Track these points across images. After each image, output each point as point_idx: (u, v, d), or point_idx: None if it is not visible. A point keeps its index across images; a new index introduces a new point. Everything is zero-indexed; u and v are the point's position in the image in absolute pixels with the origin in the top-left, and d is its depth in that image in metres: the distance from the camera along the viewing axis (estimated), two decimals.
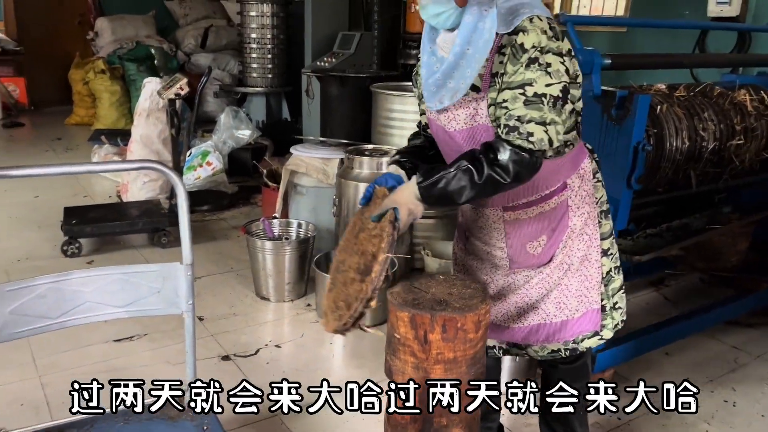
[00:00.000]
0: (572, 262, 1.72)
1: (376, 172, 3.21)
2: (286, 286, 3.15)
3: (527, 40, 1.47)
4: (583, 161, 1.72)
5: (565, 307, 1.74)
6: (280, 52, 6.16)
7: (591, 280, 1.75)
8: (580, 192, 1.71)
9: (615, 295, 1.81)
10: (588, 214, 1.72)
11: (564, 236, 1.71)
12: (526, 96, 1.46)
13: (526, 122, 1.46)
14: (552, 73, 1.47)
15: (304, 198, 3.54)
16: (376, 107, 3.62)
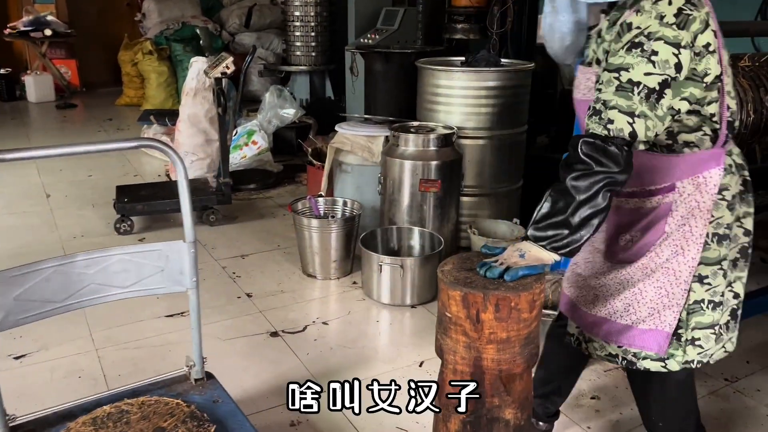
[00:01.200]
0: (656, 269, 1.58)
1: (422, 149, 3.18)
2: (332, 264, 3.16)
3: (636, 21, 1.42)
4: (708, 170, 1.52)
5: (632, 312, 1.62)
6: (323, 30, 6.13)
7: (671, 298, 1.58)
8: (691, 201, 1.54)
9: (698, 330, 1.61)
10: (693, 229, 1.54)
11: (657, 240, 1.57)
12: (620, 81, 1.40)
13: (610, 108, 1.40)
14: (657, 63, 1.38)
15: (349, 176, 3.53)
16: (421, 83, 3.56)
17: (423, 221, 3.24)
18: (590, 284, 1.71)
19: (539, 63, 4.34)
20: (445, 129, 3.32)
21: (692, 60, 1.41)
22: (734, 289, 1.64)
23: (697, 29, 1.40)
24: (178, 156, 1.58)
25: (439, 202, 3.23)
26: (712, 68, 1.45)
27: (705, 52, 1.42)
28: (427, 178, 3.17)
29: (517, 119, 3.56)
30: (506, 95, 3.43)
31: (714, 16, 1.45)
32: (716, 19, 1.45)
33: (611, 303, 1.66)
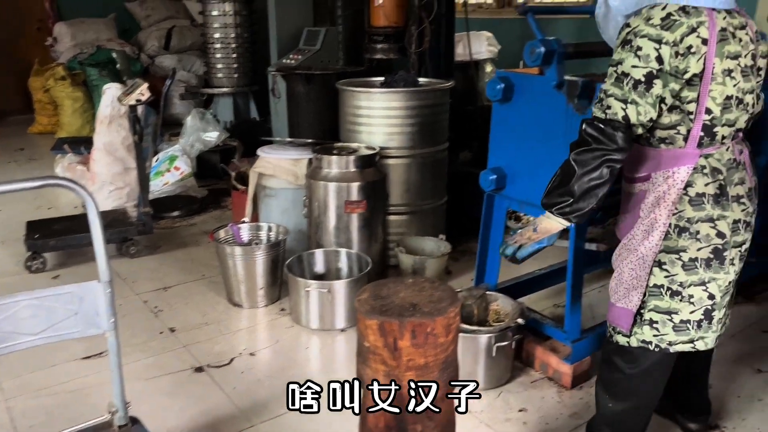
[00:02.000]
0: (630, 251, 1.81)
1: (346, 170, 3.18)
2: (258, 292, 3.10)
3: (632, 21, 1.67)
4: (680, 167, 1.71)
5: (617, 291, 1.87)
6: (244, 51, 6.06)
7: (639, 280, 1.80)
8: (659, 191, 1.74)
9: (654, 313, 1.80)
10: (658, 217, 1.75)
11: (635, 223, 1.81)
12: (617, 74, 1.66)
13: (608, 96, 1.67)
14: (641, 57, 1.61)
15: (274, 200, 3.49)
16: (342, 104, 3.57)
17: (350, 242, 3.23)
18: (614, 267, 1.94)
19: (458, 80, 4.46)
20: (368, 149, 3.33)
21: (674, 57, 1.60)
22: (708, 289, 1.76)
23: (683, 32, 1.60)
24: (88, 193, 1.52)
25: (366, 222, 3.23)
26: (692, 67, 1.62)
27: (687, 53, 1.60)
28: (352, 200, 3.17)
29: (438, 137, 3.62)
30: (426, 114, 3.48)
31: (712, 26, 1.61)
32: (716, 28, 1.62)
33: (611, 283, 1.91)
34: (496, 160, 2.61)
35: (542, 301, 3.16)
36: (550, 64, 2.26)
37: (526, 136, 2.47)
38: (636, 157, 1.78)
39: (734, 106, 1.69)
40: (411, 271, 3.30)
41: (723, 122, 1.69)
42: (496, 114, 2.57)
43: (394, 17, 4.36)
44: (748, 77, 1.70)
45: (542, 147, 2.41)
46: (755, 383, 2.55)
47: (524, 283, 3.00)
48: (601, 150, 1.64)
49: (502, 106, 2.53)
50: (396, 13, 4.36)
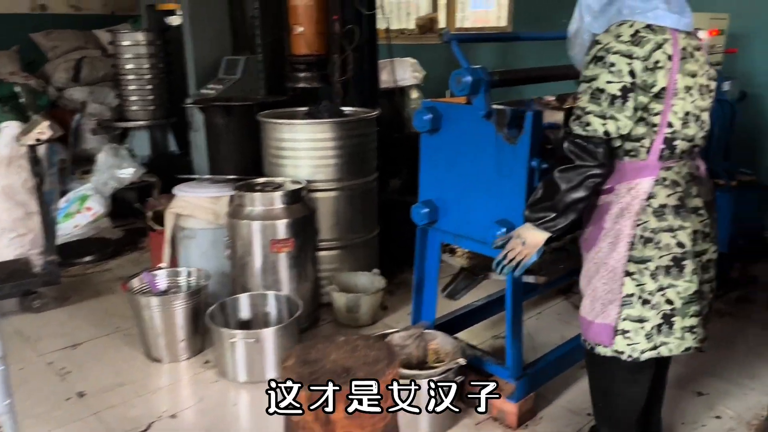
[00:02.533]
0: (600, 263, 1.86)
1: (270, 207, 2.99)
2: (179, 344, 2.85)
3: (600, 38, 1.74)
4: (642, 179, 1.79)
5: (593, 309, 1.89)
6: (160, 82, 5.76)
7: (614, 294, 1.84)
8: (622, 203, 1.80)
9: (628, 322, 1.84)
10: (622, 228, 1.80)
11: (600, 235, 1.86)
12: (592, 89, 1.71)
13: (586, 113, 1.72)
14: (615, 72, 1.68)
15: (193, 242, 3.25)
16: (265, 137, 3.40)
17: (278, 284, 3.04)
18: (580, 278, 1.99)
19: (384, 108, 4.37)
20: (294, 184, 3.17)
21: (644, 71, 1.68)
22: (667, 295, 1.83)
23: (651, 48, 1.68)
24: None
25: (294, 261, 3.05)
26: (659, 81, 1.70)
27: (655, 67, 1.69)
28: (279, 238, 2.99)
29: (367, 167, 3.50)
30: (353, 144, 3.36)
31: (675, 44, 1.71)
32: (678, 46, 1.72)
33: (584, 301, 1.93)
34: (427, 193, 2.50)
35: (482, 332, 3.07)
36: (478, 93, 2.18)
37: (456, 167, 2.38)
38: None
39: (692, 121, 1.79)
40: (345, 310, 3.14)
41: (682, 136, 1.78)
42: (424, 145, 2.47)
43: (316, 45, 4.22)
44: (704, 96, 1.81)
45: (473, 178, 2.32)
46: (697, 408, 2.53)
47: (462, 316, 2.90)
48: (584, 167, 1.73)
49: (430, 136, 2.43)
50: (317, 41, 4.23)
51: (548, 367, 2.53)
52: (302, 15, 4.19)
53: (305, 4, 4.19)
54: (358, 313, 3.13)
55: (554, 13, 4.95)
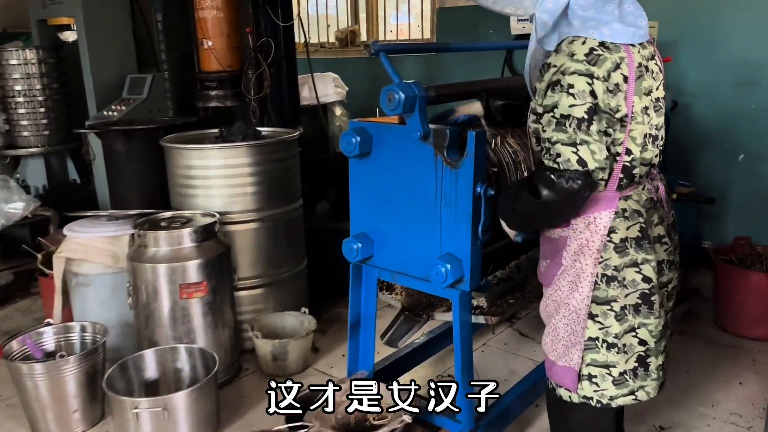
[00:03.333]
0: (561, 302, 1.72)
1: (178, 247, 2.60)
2: (72, 416, 2.39)
3: (553, 60, 1.55)
4: (599, 212, 1.63)
5: (555, 349, 1.76)
6: (55, 104, 5.19)
7: (576, 336, 1.70)
8: (581, 239, 1.65)
9: (593, 367, 1.70)
10: (584, 266, 1.65)
11: (558, 272, 1.71)
12: (556, 118, 1.51)
13: (553, 143, 1.52)
14: (576, 94, 1.49)
15: (89, 290, 2.79)
16: (171, 165, 2.99)
17: (192, 334, 2.64)
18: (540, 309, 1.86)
19: (307, 126, 4.05)
20: (206, 217, 2.78)
21: (606, 93, 1.50)
22: (639, 335, 1.68)
23: (609, 68, 1.51)
24: None
25: (209, 307, 2.66)
26: (622, 106, 1.54)
27: (617, 90, 1.52)
28: (189, 282, 2.59)
29: (289, 194, 3.16)
30: (272, 169, 3.01)
31: (631, 62, 1.54)
32: (633, 64, 1.55)
33: (545, 338, 1.81)
34: (359, 225, 2.19)
35: (428, 369, 2.79)
36: (412, 111, 1.90)
37: (392, 195, 2.08)
38: None
39: (650, 143, 1.65)
40: (270, 359, 2.77)
41: (640, 161, 1.63)
42: (354, 172, 2.16)
43: (228, 61, 3.86)
44: (659, 111, 1.68)
45: (411, 208, 2.03)
46: None
47: (405, 357, 2.60)
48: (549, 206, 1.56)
49: (360, 161, 2.13)
50: (229, 57, 3.87)
51: (504, 414, 2.26)
52: (211, 28, 3.83)
53: (214, 16, 3.83)
54: (286, 360, 2.77)
55: (478, 25, 4.85)
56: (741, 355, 2.99)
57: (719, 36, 3.83)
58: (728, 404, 2.59)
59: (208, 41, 3.84)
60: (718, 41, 3.83)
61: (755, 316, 3.10)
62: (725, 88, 3.86)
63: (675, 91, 3.78)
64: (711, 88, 3.88)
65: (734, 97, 3.85)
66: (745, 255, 3.33)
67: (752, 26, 3.73)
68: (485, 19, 4.63)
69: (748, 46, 3.76)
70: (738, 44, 3.79)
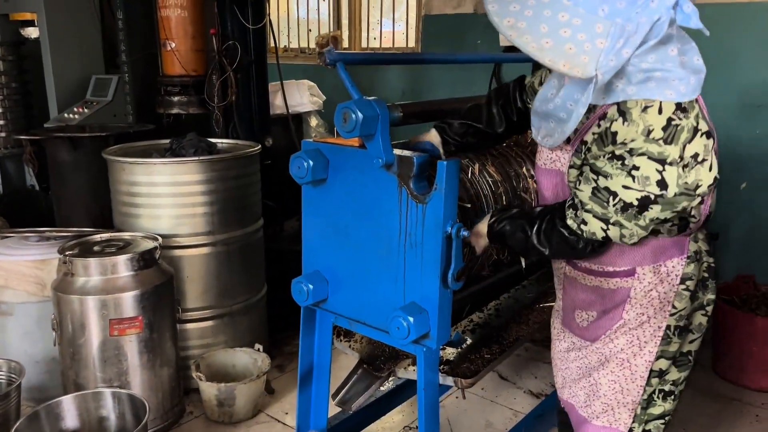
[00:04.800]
0: (610, 358, 1.53)
1: (111, 276, 2.27)
2: None
3: (621, 131, 1.26)
4: (671, 259, 1.45)
5: (589, 405, 1.60)
6: (14, 105, 4.85)
7: (626, 395, 1.54)
8: (651, 291, 1.46)
9: (650, 423, 1.57)
10: (651, 319, 1.47)
11: (614, 325, 1.51)
12: (597, 185, 1.30)
13: (585, 210, 1.34)
14: (637, 177, 1.24)
15: (11, 320, 2.46)
16: (113, 180, 2.65)
17: (125, 375, 2.32)
18: (557, 365, 1.68)
19: (278, 137, 3.76)
20: (146, 240, 2.46)
21: (680, 176, 1.24)
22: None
23: (684, 139, 1.23)
24: None
25: (146, 344, 2.34)
26: (704, 179, 1.26)
27: (693, 162, 1.24)
28: (122, 317, 2.27)
29: (248, 215, 2.85)
30: (228, 188, 2.70)
31: (705, 114, 1.29)
32: (708, 114, 1.30)
33: (575, 390, 1.63)
34: (312, 263, 1.87)
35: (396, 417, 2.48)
36: (373, 135, 1.59)
37: (350, 230, 1.76)
38: (615, 250, 1.47)
39: None
40: (216, 403, 2.44)
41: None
42: (307, 201, 1.84)
43: (192, 64, 3.56)
44: None
45: (371, 246, 1.72)
46: None
47: (363, 411, 2.28)
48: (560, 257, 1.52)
49: (314, 189, 1.81)
50: (194, 60, 3.57)
51: None
52: (174, 28, 3.53)
53: (178, 15, 3.52)
54: (233, 407, 2.44)
55: (465, 33, 4.57)
56: (743, 410, 2.69)
57: (726, 59, 3.60)
58: None
59: (171, 42, 3.54)
60: (725, 64, 3.60)
61: (759, 364, 2.81)
62: (731, 111, 3.62)
63: None
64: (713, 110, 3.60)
65: (739, 121, 3.61)
66: (748, 295, 3.04)
67: (759, 50, 3.51)
68: (473, 28, 4.36)
69: (755, 69, 3.52)
70: (744, 65, 3.56)
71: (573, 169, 1.41)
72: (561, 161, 1.47)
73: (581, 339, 1.60)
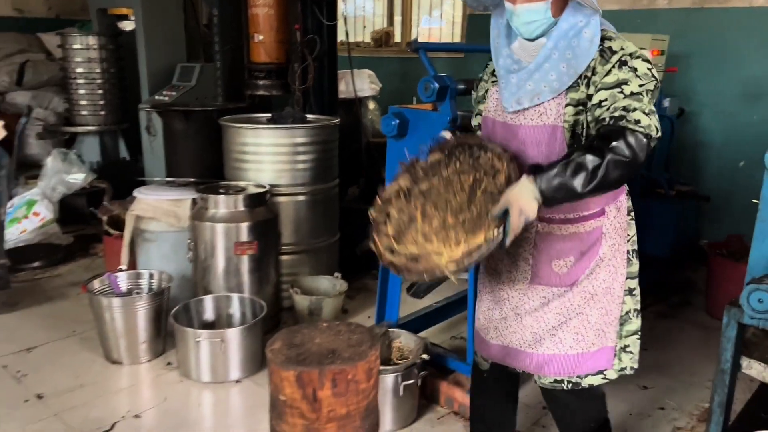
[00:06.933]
0: (595, 292, 1.69)
1: (234, 210, 3.02)
2: (141, 346, 2.82)
3: (615, 44, 1.56)
4: (622, 195, 1.71)
5: (582, 340, 1.70)
6: (111, 87, 5.66)
7: (610, 315, 1.71)
8: (615, 223, 1.69)
9: (628, 338, 1.76)
10: (618, 247, 1.70)
11: (592, 263, 1.68)
12: (624, 94, 1.49)
13: (631, 111, 1.46)
14: (641, 76, 1.52)
15: (154, 245, 3.22)
16: (227, 141, 3.42)
17: (241, 286, 3.05)
18: (526, 323, 1.72)
19: (342, 117, 4.45)
20: (257, 187, 3.20)
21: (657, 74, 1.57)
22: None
23: None
24: None
25: (257, 264, 3.07)
26: None
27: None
28: (243, 240, 3.01)
29: (329, 173, 3.56)
30: (316, 150, 3.42)
31: None
32: None
33: (559, 336, 1.69)
34: None
35: (441, 334, 3.16)
36: (444, 100, 2.29)
37: None
38: None
39: None
40: (307, 312, 3.17)
41: None
42: (391, 150, 2.55)
43: (276, 54, 4.28)
44: None
45: None
46: (643, 400, 2.69)
47: (423, 317, 2.98)
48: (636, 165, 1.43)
49: (397, 141, 2.52)
50: (277, 50, 4.28)
51: None
52: (262, 24, 4.24)
53: (265, 13, 4.24)
54: (321, 315, 3.17)
55: None
56: None
57: (728, 51, 4.13)
58: (708, 374, 2.92)
59: (259, 35, 4.26)
60: (727, 56, 4.14)
61: None
62: (731, 99, 4.17)
63: (683, 99, 4.11)
64: (718, 98, 4.21)
65: (739, 108, 4.15)
66: (736, 250, 3.65)
67: (759, 43, 4.03)
68: None
69: (754, 61, 4.06)
70: (745, 60, 4.08)
71: (570, 106, 1.57)
72: (549, 112, 1.59)
73: (558, 287, 1.69)
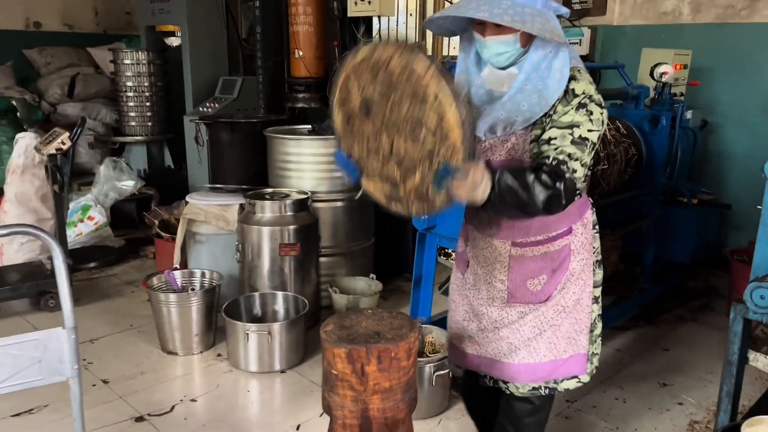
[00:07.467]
0: (567, 304, 1.78)
1: (279, 215, 3.26)
2: (194, 338, 3.08)
3: (578, 87, 1.60)
4: (587, 211, 1.81)
5: (554, 348, 1.79)
6: (158, 99, 6.02)
7: (581, 323, 1.81)
8: (582, 239, 1.78)
9: (594, 343, 1.87)
10: (585, 261, 1.79)
11: (563, 278, 1.77)
12: (573, 136, 1.57)
13: (573, 160, 1.56)
14: (593, 121, 1.59)
15: (204, 246, 3.49)
16: (271, 151, 3.67)
17: (285, 285, 3.29)
18: (503, 335, 1.81)
19: None
20: (300, 194, 3.44)
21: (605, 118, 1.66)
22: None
23: None
24: (56, 241, 1.54)
25: (300, 264, 3.31)
26: None
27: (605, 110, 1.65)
28: (287, 242, 3.25)
29: None
30: None
31: None
32: None
33: (534, 346, 1.79)
34: None
35: None
36: None
37: None
38: (557, 217, 1.69)
39: None
40: (345, 310, 3.40)
41: None
42: None
43: (315, 69, 4.55)
44: None
45: None
46: (662, 396, 2.84)
47: None
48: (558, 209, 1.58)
49: None
50: (316, 65, 4.55)
51: None
52: (302, 40, 4.53)
53: (306, 30, 4.53)
54: None
55: None
56: None
57: (750, 65, 4.25)
58: None
59: (300, 51, 4.54)
60: (749, 70, 4.25)
61: None
62: (753, 111, 4.27)
63: (706, 111, 4.24)
64: (740, 110, 4.32)
65: (761, 119, 4.25)
66: None
67: None
68: None
69: None
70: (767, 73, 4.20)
71: (534, 143, 1.62)
72: (516, 147, 1.65)
73: (532, 303, 1.77)
